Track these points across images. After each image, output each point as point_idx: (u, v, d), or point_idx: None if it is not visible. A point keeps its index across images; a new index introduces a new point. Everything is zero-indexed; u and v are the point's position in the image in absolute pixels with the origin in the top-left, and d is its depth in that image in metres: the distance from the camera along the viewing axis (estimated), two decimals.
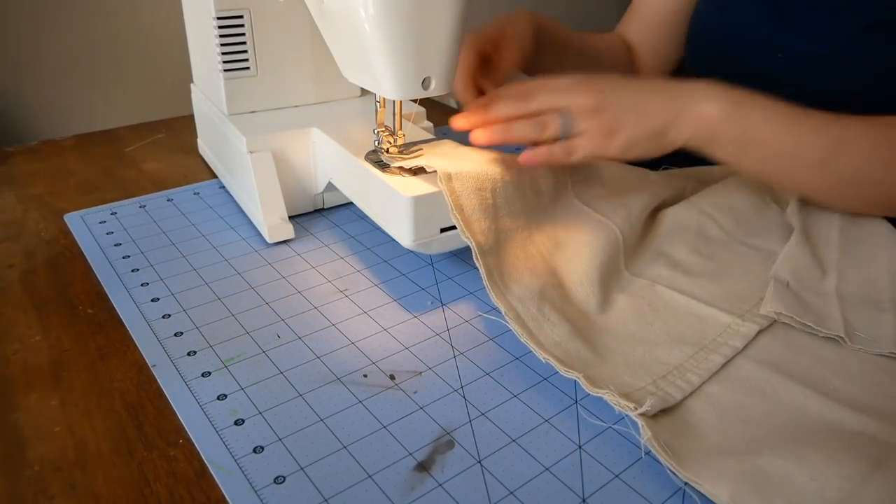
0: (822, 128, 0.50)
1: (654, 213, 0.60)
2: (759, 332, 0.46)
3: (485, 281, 0.46)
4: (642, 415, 0.38)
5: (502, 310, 0.44)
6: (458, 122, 0.52)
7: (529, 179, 0.53)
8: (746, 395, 0.41)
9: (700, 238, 0.57)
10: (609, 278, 0.51)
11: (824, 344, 0.46)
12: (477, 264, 0.47)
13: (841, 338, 0.45)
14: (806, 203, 0.57)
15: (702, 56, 0.77)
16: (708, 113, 0.50)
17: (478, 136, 0.50)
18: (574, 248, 0.52)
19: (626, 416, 0.38)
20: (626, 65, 0.84)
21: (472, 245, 0.47)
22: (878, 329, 0.46)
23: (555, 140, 0.50)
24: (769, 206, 0.60)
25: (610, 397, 0.39)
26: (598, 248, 0.51)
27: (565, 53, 0.75)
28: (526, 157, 0.50)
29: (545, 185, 0.54)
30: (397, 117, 0.53)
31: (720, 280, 0.52)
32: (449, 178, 0.48)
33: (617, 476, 0.36)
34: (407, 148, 0.54)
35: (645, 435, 0.36)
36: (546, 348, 0.43)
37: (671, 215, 0.59)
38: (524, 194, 0.52)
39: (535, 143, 0.50)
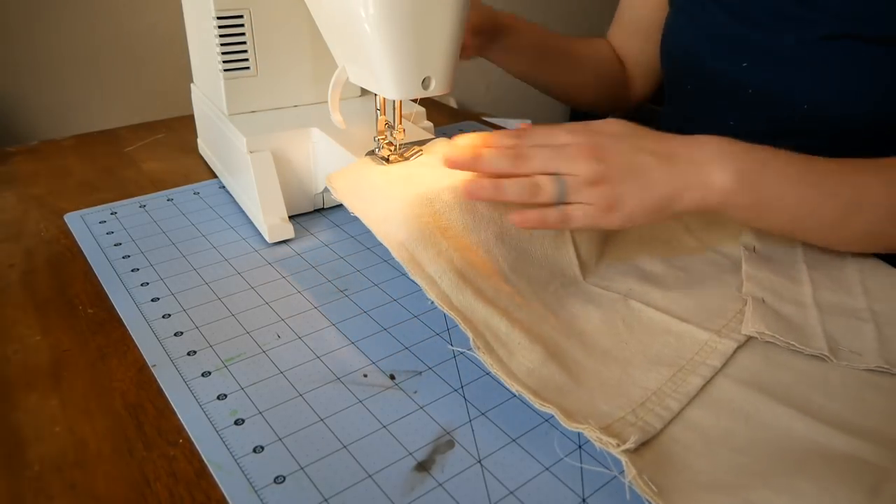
0: (839, 188, 0.49)
1: None
2: (737, 349, 0.45)
3: (446, 308, 0.42)
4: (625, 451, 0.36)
5: (470, 337, 0.41)
6: (450, 162, 0.49)
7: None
8: (730, 418, 0.39)
9: (671, 248, 0.56)
10: (566, 290, 0.49)
11: (805, 359, 0.44)
12: (430, 294, 0.43)
13: (826, 356, 0.44)
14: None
15: (672, 63, 0.78)
16: (719, 184, 0.47)
17: (468, 189, 0.47)
18: (532, 266, 0.49)
19: (607, 452, 0.36)
20: (614, 72, 0.84)
21: (433, 274, 0.44)
22: (862, 341, 0.45)
23: (548, 204, 0.48)
24: None
25: (590, 433, 0.36)
26: (553, 267, 0.49)
27: (541, 53, 0.76)
28: (519, 219, 0.46)
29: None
30: (397, 115, 0.53)
31: (694, 293, 0.50)
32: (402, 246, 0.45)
33: (617, 476, 0.36)
34: (407, 148, 0.54)
35: (630, 473, 0.34)
36: (518, 378, 0.40)
37: (647, 226, 0.57)
38: (476, 213, 0.48)
39: (529, 204, 0.48)
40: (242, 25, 0.60)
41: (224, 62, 0.60)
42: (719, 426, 0.39)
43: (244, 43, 0.61)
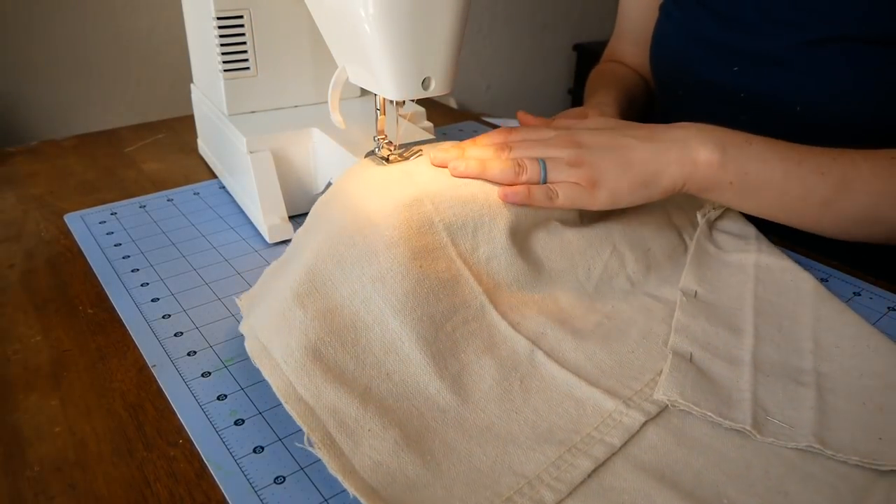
0: (827, 167, 0.48)
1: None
2: (647, 422, 0.38)
3: (283, 398, 0.37)
4: None
5: (305, 431, 0.35)
6: (437, 158, 0.50)
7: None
8: None
9: (599, 291, 0.49)
10: (467, 327, 0.43)
11: (726, 434, 0.38)
12: (273, 387, 0.37)
13: (749, 431, 0.38)
14: (708, 252, 0.54)
15: (662, 70, 0.78)
16: (704, 158, 0.48)
17: (455, 166, 0.48)
18: (427, 303, 0.42)
19: None
20: (642, 84, 0.84)
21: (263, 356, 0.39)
22: (796, 410, 0.39)
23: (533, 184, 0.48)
24: (682, 246, 0.55)
25: None
26: (454, 298, 0.43)
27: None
28: (505, 194, 0.47)
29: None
30: (397, 115, 0.53)
31: (614, 345, 0.44)
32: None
33: None
34: (407, 148, 0.54)
35: None
36: (358, 476, 0.34)
37: (583, 241, 0.50)
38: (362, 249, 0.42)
39: (512, 184, 0.48)
40: (242, 26, 0.60)
41: (224, 62, 0.60)
42: None
43: (244, 43, 0.61)
